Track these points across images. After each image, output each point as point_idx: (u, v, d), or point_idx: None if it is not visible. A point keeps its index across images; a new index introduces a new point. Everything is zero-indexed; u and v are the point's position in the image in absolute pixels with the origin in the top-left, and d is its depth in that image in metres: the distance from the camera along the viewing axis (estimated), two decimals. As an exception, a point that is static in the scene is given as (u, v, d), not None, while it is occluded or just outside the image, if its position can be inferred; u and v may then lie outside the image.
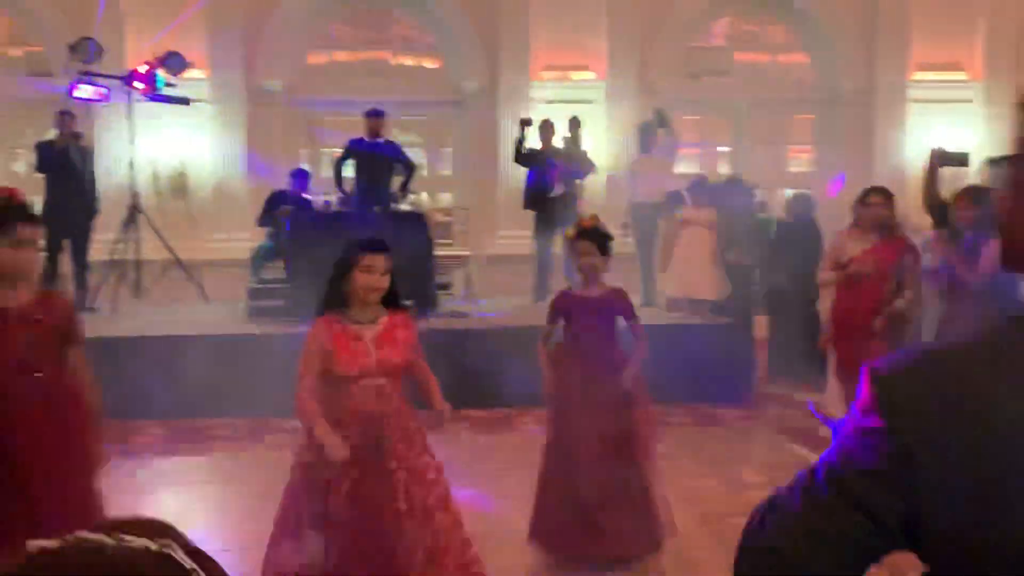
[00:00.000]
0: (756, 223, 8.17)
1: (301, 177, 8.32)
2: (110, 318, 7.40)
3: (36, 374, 2.72)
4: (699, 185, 7.65)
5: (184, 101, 8.62)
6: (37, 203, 9.14)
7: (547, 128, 8.26)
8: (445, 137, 10.67)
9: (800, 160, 11.19)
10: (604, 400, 3.70)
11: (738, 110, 10.81)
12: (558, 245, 6.58)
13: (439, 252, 7.97)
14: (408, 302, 3.25)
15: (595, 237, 3.74)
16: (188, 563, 0.62)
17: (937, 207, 5.07)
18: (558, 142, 8.28)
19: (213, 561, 0.65)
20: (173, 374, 6.04)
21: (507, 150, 8.72)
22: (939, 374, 0.85)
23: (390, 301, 2.99)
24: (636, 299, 7.95)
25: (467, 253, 8.60)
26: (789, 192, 10.79)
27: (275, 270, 7.91)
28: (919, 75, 10.26)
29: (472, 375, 6.42)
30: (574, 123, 8.34)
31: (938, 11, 10.05)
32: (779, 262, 7.54)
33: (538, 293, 8.04)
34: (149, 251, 8.62)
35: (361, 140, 7.90)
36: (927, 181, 5.18)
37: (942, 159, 5.13)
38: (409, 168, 8.04)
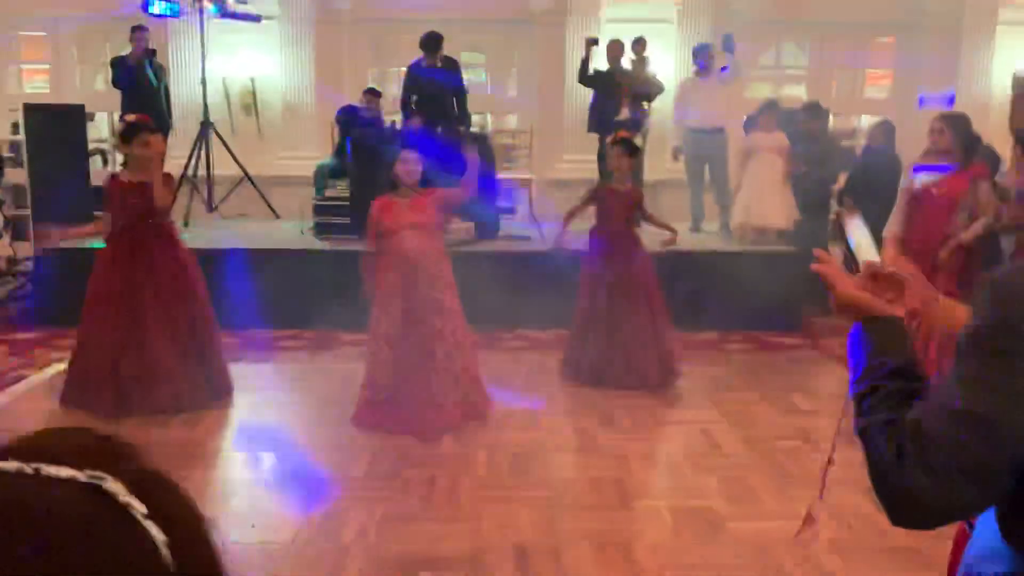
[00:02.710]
0: (834, 149, 7.89)
1: (371, 95, 8.31)
2: (184, 232, 7.63)
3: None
4: (769, 109, 7.41)
5: (255, 18, 8.71)
6: (115, 118, 9.44)
7: (614, 48, 8.06)
8: (511, 58, 10.53)
9: (879, 86, 10.73)
10: (627, 262, 5.18)
11: (816, 32, 10.37)
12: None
13: (502, 175, 7.95)
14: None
15: (624, 145, 5.28)
16: (123, 496, 0.50)
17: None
18: (626, 63, 8.11)
19: (167, 488, 0.55)
20: (243, 286, 6.26)
21: (574, 72, 8.56)
22: None
23: (424, 184, 4.51)
24: (685, 225, 7.85)
25: (531, 176, 8.55)
26: (865, 119, 10.43)
27: (340, 188, 8.03)
28: (1012, -4, 9.69)
29: (531, 297, 6.50)
30: (640, 43, 8.12)
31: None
32: (856, 191, 7.32)
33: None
34: (220, 167, 8.85)
35: (418, 64, 7.80)
36: (1013, 107, 4.96)
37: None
38: (459, 97, 7.90)
